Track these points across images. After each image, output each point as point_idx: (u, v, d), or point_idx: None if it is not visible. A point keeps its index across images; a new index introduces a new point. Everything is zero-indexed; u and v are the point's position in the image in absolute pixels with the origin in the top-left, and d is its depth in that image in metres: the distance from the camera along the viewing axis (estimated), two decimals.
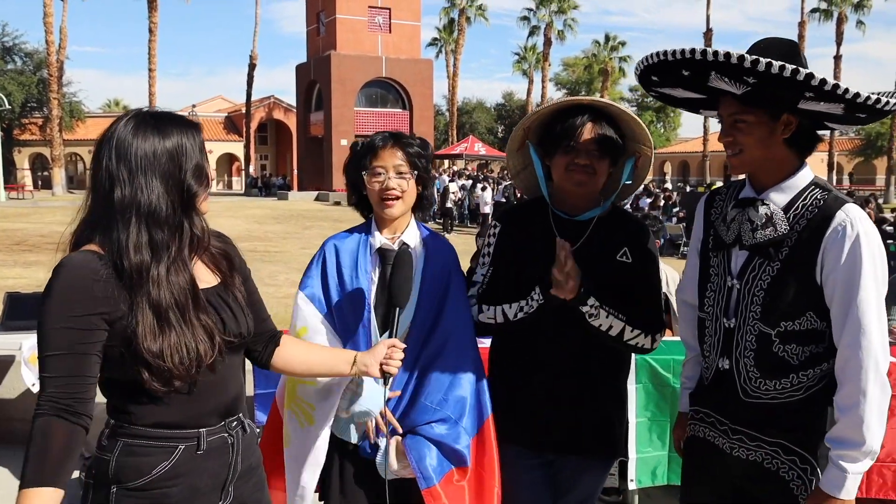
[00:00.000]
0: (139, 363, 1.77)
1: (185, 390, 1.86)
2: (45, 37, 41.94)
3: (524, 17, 55.65)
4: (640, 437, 4.07)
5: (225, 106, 60.74)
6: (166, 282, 1.81)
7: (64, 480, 1.72)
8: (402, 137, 2.59)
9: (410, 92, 42.10)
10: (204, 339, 1.85)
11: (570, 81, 65.75)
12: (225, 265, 2.04)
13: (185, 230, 1.87)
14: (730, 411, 2.30)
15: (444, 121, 64.41)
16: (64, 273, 1.75)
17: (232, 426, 2.00)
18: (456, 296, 2.58)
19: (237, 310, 2.00)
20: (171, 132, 1.85)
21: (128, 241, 1.78)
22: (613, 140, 2.48)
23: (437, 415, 2.46)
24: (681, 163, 62.97)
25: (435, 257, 2.61)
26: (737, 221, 2.26)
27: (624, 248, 2.52)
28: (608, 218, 2.58)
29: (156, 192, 1.80)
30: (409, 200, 2.57)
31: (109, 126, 1.87)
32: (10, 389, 5.47)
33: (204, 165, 1.91)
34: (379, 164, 2.53)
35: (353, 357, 2.24)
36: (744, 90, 2.08)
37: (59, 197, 40.62)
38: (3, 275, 13.14)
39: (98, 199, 1.82)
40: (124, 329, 1.77)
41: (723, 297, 2.30)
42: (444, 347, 2.51)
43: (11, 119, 46.06)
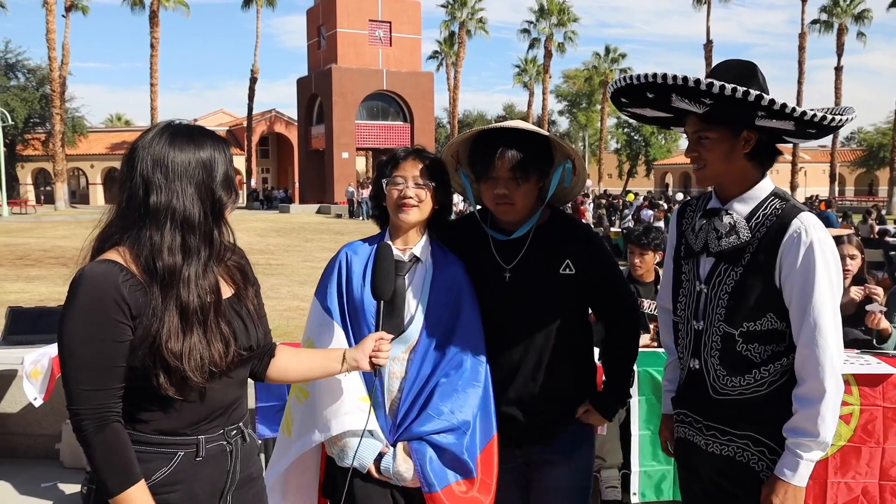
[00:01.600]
0: (158, 366, 1.81)
1: (194, 398, 1.90)
2: (48, 53, 42.38)
3: (524, 29, 56.03)
4: (643, 450, 4.05)
5: (226, 120, 60.91)
6: (195, 284, 1.86)
7: (138, 471, 1.82)
8: (424, 152, 2.69)
9: (411, 105, 42.26)
10: (220, 348, 1.90)
11: (570, 93, 65.97)
12: (239, 277, 2.08)
13: (215, 238, 1.93)
14: (703, 409, 2.43)
15: (445, 133, 64.58)
16: (87, 285, 1.78)
17: (231, 434, 2.02)
18: (467, 309, 2.61)
19: (249, 322, 2.05)
20: (204, 144, 1.92)
21: (161, 243, 1.83)
22: (532, 160, 2.52)
23: (445, 425, 2.50)
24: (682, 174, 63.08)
25: (445, 272, 2.63)
26: (704, 230, 2.40)
27: (566, 259, 2.57)
28: (548, 228, 2.61)
29: (190, 199, 1.86)
30: (424, 210, 2.62)
31: (142, 135, 1.92)
32: (11, 404, 5.47)
33: (232, 177, 1.98)
34: (399, 174, 2.62)
35: (342, 354, 2.30)
36: (704, 109, 2.23)
37: (62, 211, 40.75)
38: (6, 289, 13.17)
39: (131, 203, 1.85)
40: (147, 330, 1.80)
41: (693, 301, 2.44)
42: (456, 363, 2.55)
43: (14, 135, 46.34)
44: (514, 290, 2.55)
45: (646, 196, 34.74)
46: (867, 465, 3.78)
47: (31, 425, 5.43)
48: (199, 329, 1.86)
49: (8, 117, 39.46)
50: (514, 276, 2.55)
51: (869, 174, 61.45)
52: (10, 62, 48.58)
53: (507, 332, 2.57)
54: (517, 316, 2.56)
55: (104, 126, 66.01)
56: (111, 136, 56.32)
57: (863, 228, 19.72)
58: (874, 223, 19.69)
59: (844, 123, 2.29)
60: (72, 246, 20.53)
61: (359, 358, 2.29)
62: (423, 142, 41.75)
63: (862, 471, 3.78)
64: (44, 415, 5.30)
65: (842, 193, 59.73)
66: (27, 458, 5.40)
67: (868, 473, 3.78)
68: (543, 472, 2.68)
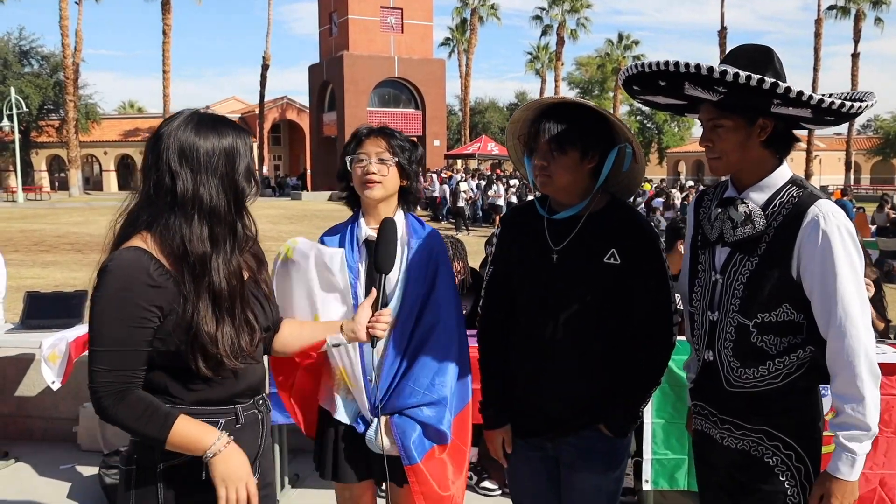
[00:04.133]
0: (196, 349, 1.88)
1: (229, 375, 1.98)
2: (61, 40, 42.44)
3: (537, 16, 55.64)
4: (655, 437, 4.05)
5: (238, 107, 60.93)
6: (224, 272, 1.92)
7: (175, 411, 1.90)
8: (386, 129, 2.74)
9: (423, 92, 42.18)
10: (246, 334, 1.98)
11: (582, 81, 65.60)
12: (253, 262, 2.13)
13: (238, 229, 1.98)
14: (717, 401, 2.40)
15: (456, 120, 64.40)
16: (116, 271, 1.83)
17: (259, 403, 2.12)
18: (443, 283, 2.68)
19: (265, 303, 2.13)
20: (227, 134, 1.95)
21: (191, 233, 1.88)
22: (571, 134, 2.44)
23: (426, 398, 2.60)
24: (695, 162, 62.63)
25: (421, 245, 2.70)
26: (719, 220, 2.36)
27: (612, 249, 2.49)
28: (603, 215, 2.55)
29: (215, 190, 1.91)
30: (389, 186, 2.68)
31: (164, 124, 1.95)
32: (30, 387, 5.54)
33: (254, 169, 2.02)
34: (362, 151, 2.68)
35: (340, 326, 2.39)
36: (718, 97, 2.18)
37: (76, 198, 40.94)
38: (22, 275, 13.26)
39: (158, 192, 1.89)
40: (182, 316, 1.87)
41: (708, 292, 2.40)
42: (432, 333, 2.63)
43: (29, 121, 46.49)
44: (560, 273, 2.50)
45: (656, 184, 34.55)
46: (884, 455, 3.76)
47: (49, 409, 5.50)
48: (228, 316, 1.93)
49: (22, 104, 39.62)
50: (562, 258, 2.50)
51: (885, 162, 60.85)
52: (24, 49, 48.72)
53: (548, 313, 2.52)
54: (561, 298, 2.51)
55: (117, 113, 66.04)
56: (124, 123, 56.42)
57: (878, 217, 19.56)
58: (890, 212, 19.51)
59: (864, 110, 2.23)
60: (86, 232, 20.67)
61: (356, 329, 2.37)
62: (434, 129, 41.74)
63: (879, 461, 3.75)
64: (61, 398, 5.36)
65: (857, 182, 59.20)
66: (45, 440, 5.48)
67: (885, 464, 3.76)
68: (573, 470, 2.61)
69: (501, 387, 2.66)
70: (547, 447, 2.63)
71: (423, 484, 2.58)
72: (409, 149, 2.73)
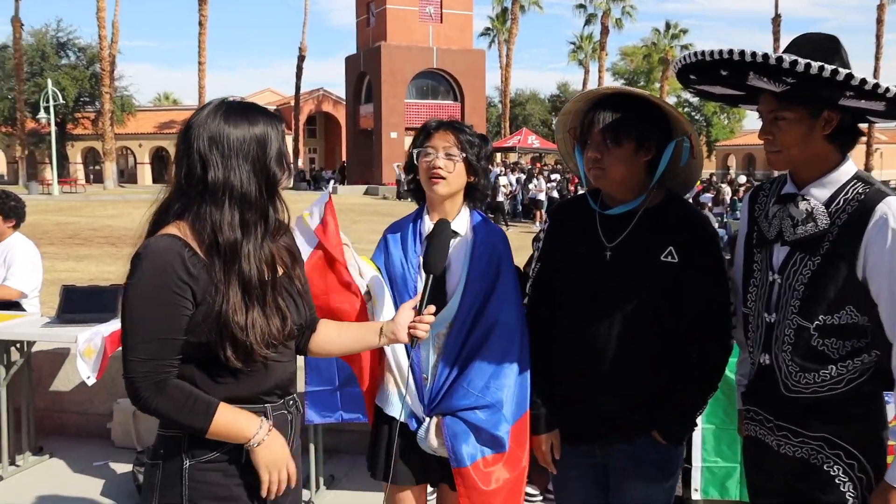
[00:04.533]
0: (225, 338, 1.90)
1: (259, 368, 1.99)
2: (98, 31, 43.24)
3: (580, 4, 55.29)
4: (706, 444, 3.99)
5: (274, 99, 61.54)
6: (255, 259, 1.94)
7: (214, 399, 1.93)
8: (456, 123, 2.73)
9: (462, 83, 42.15)
10: (277, 322, 1.99)
11: (627, 71, 64.95)
12: (288, 258, 2.14)
13: (270, 215, 2.00)
14: (774, 407, 2.36)
15: (496, 113, 64.26)
16: (151, 258, 1.86)
17: (290, 404, 2.13)
18: (505, 283, 2.67)
19: (299, 300, 2.13)
20: (258, 120, 1.97)
21: (222, 219, 1.90)
22: (626, 125, 2.40)
23: (479, 401, 2.59)
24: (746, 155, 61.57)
25: (485, 243, 2.70)
26: (778, 217, 2.32)
27: (669, 246, 2.44)
28: (659, 211, 2.50)
29: (246, 176, 1.93)
30: (454, 183, 2.68)
31: (197, 112, 1.98)
32: (65, 382, 5.63)
33: (286, 153, 2.04)
34: (430, 145, 2.68)
35: (380, 327, 2.36)
36: (783, 88, 2.13)
37: (111, 191, 41.71)
38: (57, 268, 13.53)
39: (190, 180, 1.92)
40: (212, 305, 1.89)
41: (765, 292, 2.36)
42: (491, 334, 2.62)
43: (65, 114, 47.43)
44: (613, 270, 2.47)
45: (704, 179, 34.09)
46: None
47: (84, 404, 5.58)
48: (258, 303, 1.95)
49: (59, 96, 40.38)
50: (615, 256, 2.47)
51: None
52: (62, 41, 49.67)
53: (600, 310, 2.50)
54: (615, 295, 2.48)
55: (152, 105, 67.17)
56: (159, 115, 57.34)
57: None
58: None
59: None
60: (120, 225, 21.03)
61: (397, 330, 2.34)
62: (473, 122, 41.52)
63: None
64: (96, 393, 5.44)
65: None
66: (79, 436, 5.56)
67: None
68: (624, 478, 2.57)
69: (549, 386, 2.64)
70: (596, 454, 2.60)
71: (469, 489, 2.57)
72: (479, 144, 2.72)
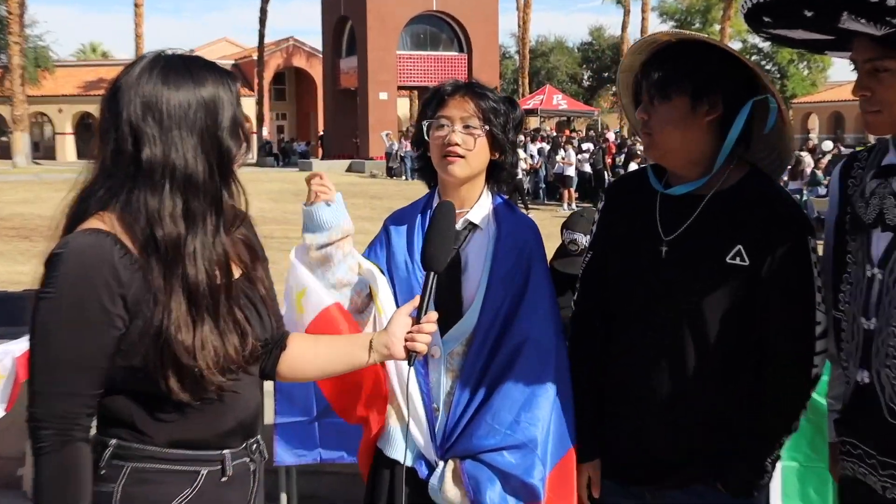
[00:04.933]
0: (167, 362, 1.85)
1: (212, 401, 1.95)
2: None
3: None
4: (787, 486, 3.98)
5: (231, 51, 61.71)
6: (202, 260, 1.91)
7: None
8: (477, 87, 2.72)
9: (469, 30, 42.20)
10: (235, 340, 1.95)
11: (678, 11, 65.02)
12: (246, 254, 2.12)
13: (223, 201, 1.96)
14: (876, 438, 2.30)
15: (512, 66, 64.35)
16: (71, 262, 1.81)
17: (253, 449, 2.10)
18: (538, 288, 2.67)
19: (262, 308, 2.11)
20: (205, 79, 1.93)
21: (161, 208, 1.86)
22: (678, 76, 2.38)
23: (508, 440, 2.56)
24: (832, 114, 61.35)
25: (511, 238, 2.71)
26: (878, 196, 2.29)
27: (738, 245, 2.40)
28: (734, 196, 2.45)
29: (192, 152, 1.89)
30: (475, 162, 2.67)
31: (126, 70, 1.94)
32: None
33: (241, 121, 2.00)
34: (444, 115, 2.66)
35: (370, 340, 2.31)
36: (885, 31, 2.09)
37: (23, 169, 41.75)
38: None
39: (118, 159, 1.88)
40: (149, 320, 1.85)
41: (861, 291, 2.32)
42: (520, 353, 2.61)
43: None
44: (669, 272, 2.46)
45: None
46: None
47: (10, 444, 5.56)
48: (209, 316, 1.91)
49: None
50: (672, 252, 2.46)
51: None
52: None
53: (652, 321, 2.50)
54: (667, 306, 2.47)
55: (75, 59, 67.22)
56: (84, 73, 57.36)
57: None
58: None
59: None
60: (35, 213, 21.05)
61: (390, 343, 2.28)
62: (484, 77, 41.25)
63: None
64: (3, 431, 5.41)
65: None
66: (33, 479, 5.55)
67: None
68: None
69: (594, 408, 2.64)
70: (646, 497, 2.61)
71: None
72: (505, 112, 2.70)
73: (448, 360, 2.66)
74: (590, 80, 70.93)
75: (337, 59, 45.39)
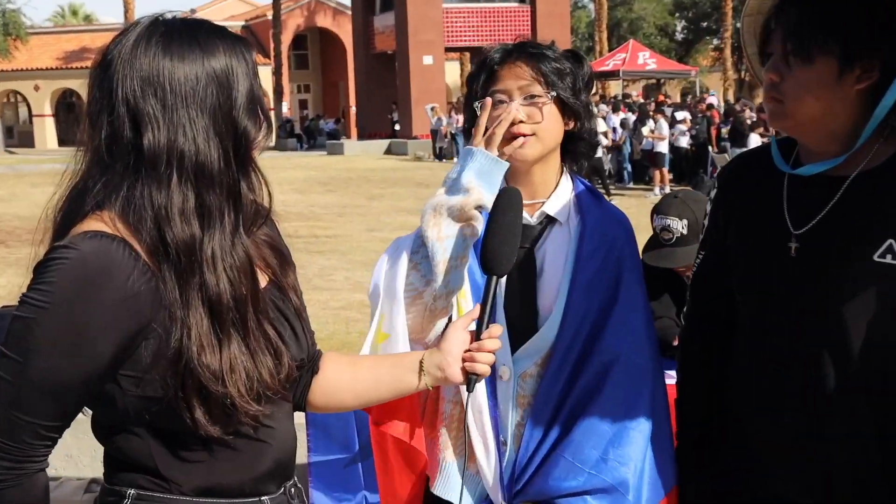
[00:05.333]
0: (191, 390, 1.84)
1: (246, 437, 1.95)
2: None
3: None
4: None
5: (241, 10, 61.93)
6: (222, 265, 1.89)
7: None
8: (531, 46, 2.70)
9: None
10: (268, 361, 1.94)
11: None
12: (274, 258, 2.13)
13: (242, 193, 1.95)
14: None
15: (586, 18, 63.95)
16: (71, 269, 1.77)
17: (292, 493, 2.13)
18: (629, 295, 2.66)
19: (296, 323, 2.11)
20: (215, 47, 1.91)
21: (169, 204, 1.83)
22: (829, 27, 2.26)
23: (592, 482, 2.54)
24: None
25: (598, 235, 2.68)
26: None
27: (889, 239, 2.31)
28: (883, 176, 2.36)
29: (202, 136, 1.87)
30: (547, 137, 2.65)
31: (118, 38, 1.91)
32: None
33: (260, 97, 1.99)
34: (498, 89, 2.65)
35: (419, 361, 2.30)
36: None
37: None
38: None
39: (115, 146, 1.86)
40: (165, 340, 1.83)
41: None
42: (608, 376, 2.58)
43: None
44: (801, 273, 2.39)
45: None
46: None
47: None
48: (237, 333, 1.90)
49: None
50: (804, 249, 2.37)
51: None
52: None
53: (776, 341, 2.44)
54: (797, 319, 2.41)
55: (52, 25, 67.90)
56: (64, 41, 57.86)
57: None
58: None
59: None
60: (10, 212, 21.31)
61: (444, 364, 2.27)
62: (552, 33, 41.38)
63: None
64: None
65: None
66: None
67: None
68: None
69: (705, 444, 2.61)
70: None
71: None
72: (572, 70, 2.68)
73: (519, 384, 2.66)
74: (684, 33, 70.07)
75: (370, 17, 45.46)
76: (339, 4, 55.51)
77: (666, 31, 67.54)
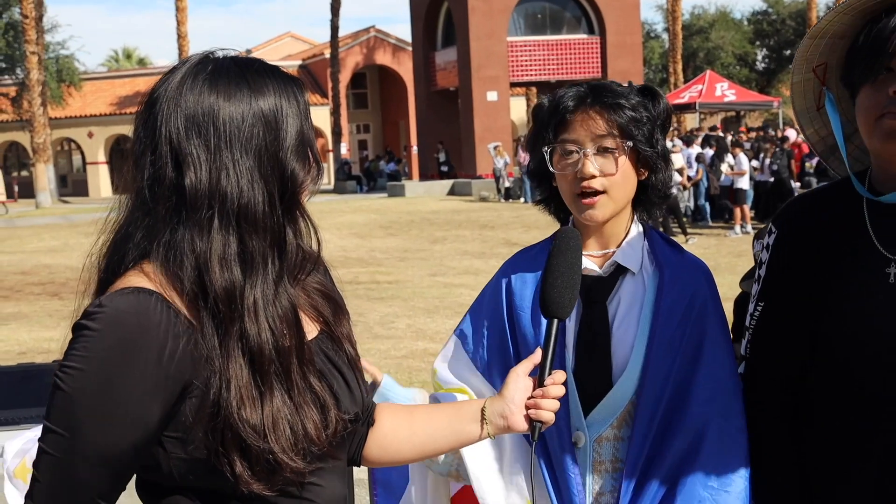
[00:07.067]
0: (231, 446, 1.84)
1: (290, 493, 1.95)
2: None
3: None
4: None
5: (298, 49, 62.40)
6: (265, 314, 1.89)
7: None
8: (607, 93, 2.63)
9: (601, 4, 41.98)
10: (314, 415, 1.93)
11: None
12: (328, 308, 2.14)
13: (288, 240, 1.95)
14: None
15: (660, 48, 63.73)
16: (105, 332, 1.79)
17: None
18: (715, 351, 2.61)
19: (349, 375, 2.11)
20: (265, 87, 1.93)
21: (210, 251, 1.84)
22: None
23: None
24: None
25: (678, 286, 2.64)
26: None
27: None
28: None
29: (246, 178, 1.88)
30: (619, 194, 2.62)
31: (165, 78, 1.94)
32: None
33: (311, 139, 2.00)
34: (570, 138, 2.60)
35: (481, 410, 2.29)
36: None
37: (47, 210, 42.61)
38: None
39: (157, 189, 1.87)
40: (205, 393, 1.84)
41: None
42: (701, 446, 2.54)
43: None
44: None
45: None
46: None
47: None
48: (280, 387, 1.90)
49: None
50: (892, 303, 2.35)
51: None
52: None
53: (876, 388, 2.40)
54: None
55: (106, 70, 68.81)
56: (118, 86, 58.57)
57: None
58: None
59: None
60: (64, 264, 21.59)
61: (507, 413, 2.26)
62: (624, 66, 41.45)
63: None
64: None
65: None
66: None
67: None
68: None
69: None
70: None
71: None
72: (649, 117, 2.63)
73: (595, 449, 2.62)
74: (765, 62, 69.68)
75: (431, 53, 45.60)
76: (399, 40, 55.90)
77: (745, 60, 67.10)
